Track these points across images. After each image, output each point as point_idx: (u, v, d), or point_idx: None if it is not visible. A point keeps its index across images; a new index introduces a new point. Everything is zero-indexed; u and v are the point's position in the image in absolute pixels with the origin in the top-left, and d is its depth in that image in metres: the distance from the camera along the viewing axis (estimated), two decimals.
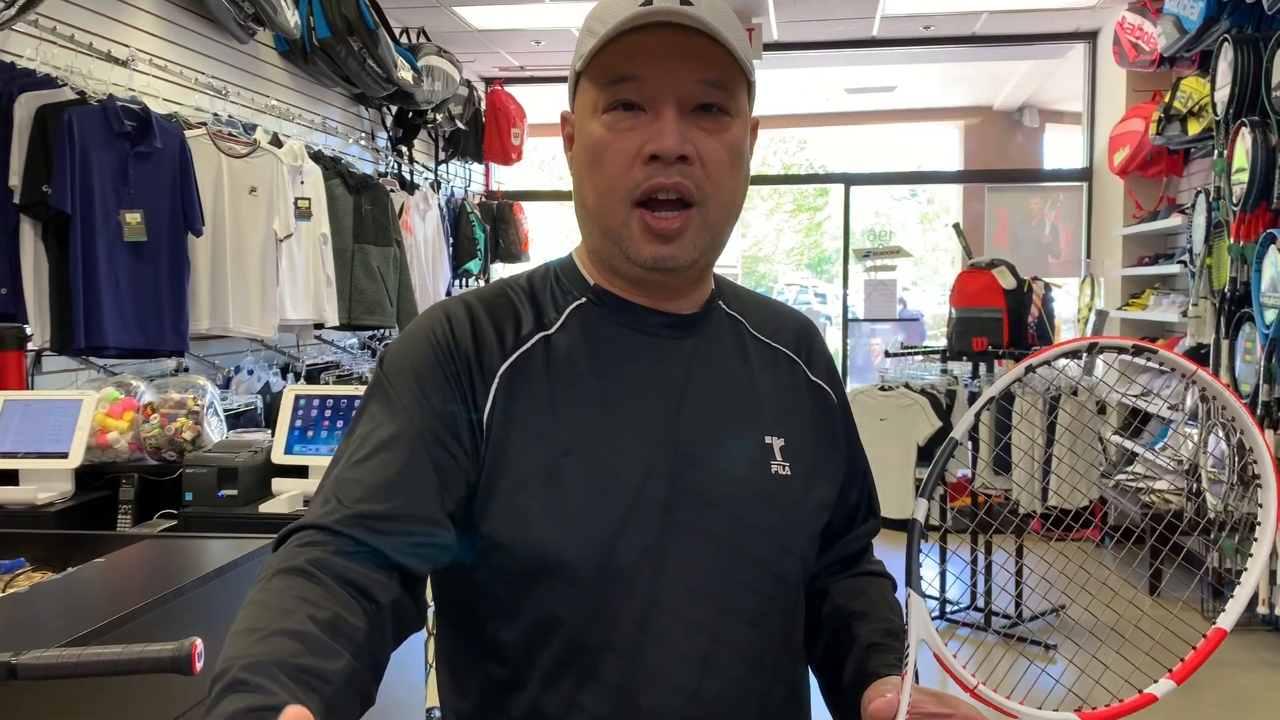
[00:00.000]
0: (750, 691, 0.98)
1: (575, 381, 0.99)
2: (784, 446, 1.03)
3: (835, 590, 1.11)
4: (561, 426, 0.96)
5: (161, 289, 3.39)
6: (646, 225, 0.96)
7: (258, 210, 3.90)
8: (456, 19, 6.16)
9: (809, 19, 6.46)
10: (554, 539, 0.93)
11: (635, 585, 0.94)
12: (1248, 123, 4.33)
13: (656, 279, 1.00)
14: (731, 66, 0.95)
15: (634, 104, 0.95)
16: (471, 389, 0.96)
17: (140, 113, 3.32)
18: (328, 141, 5.11)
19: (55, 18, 3.27)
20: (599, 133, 0.97)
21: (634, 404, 0.99)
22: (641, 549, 0.94)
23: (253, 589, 0.84)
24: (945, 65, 7.96)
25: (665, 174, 0.94)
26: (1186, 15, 4.87)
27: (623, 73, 0.95)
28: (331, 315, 4.41)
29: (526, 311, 1.02)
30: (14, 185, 2.99)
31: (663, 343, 1.03)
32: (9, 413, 2.64)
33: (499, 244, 7.25)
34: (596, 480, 0.95)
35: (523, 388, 0.98)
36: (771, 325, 1.12)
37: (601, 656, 0.93)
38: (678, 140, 0.94)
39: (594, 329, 1.02)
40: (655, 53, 0.94)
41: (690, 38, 0.93)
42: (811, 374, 1.11)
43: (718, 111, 0.97)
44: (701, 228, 0.98)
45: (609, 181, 0.97)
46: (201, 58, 4.15)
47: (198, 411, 2.84)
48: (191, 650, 1.11)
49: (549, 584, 0.93)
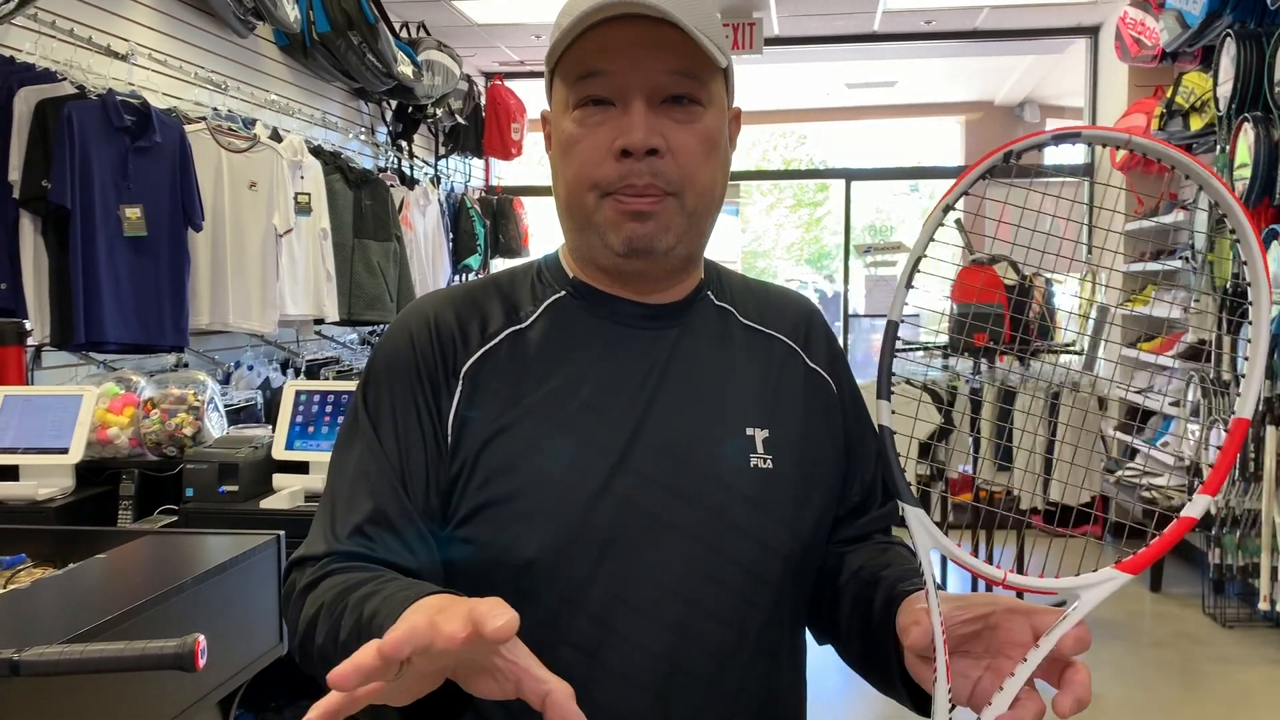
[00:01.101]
0: (720, 692, 0.96)
1: (543, 375, 0.98)
2: (768, 438, 1.01)
3: (851, 558, 1.07)
4: (524, 421, 0.96)
5: (161, 284, 3.38)
6: (619, 205, 0.96)
7: (258, 205, 3.89)
8: (456, 13, 6.15)
9: (809, 13, 6.44)
10: (513, 535, 0.93)
11: (596, 581, 0.93)
12: (1250, 118, 4.32)
13: (634, 266, 0.99)
14: (701, 56, 0.94)
15: (603, 99, 0.94)
16: (439, 391, 0.97)
17: (140, 107, 3.31)
18: (328, 136, 5.10)
19: (55, 12, 3.26)
20: (570, 129, 0.96)
21: (604, 396, 0.98)
22: (603, 544, 0.93)
23: (288, 618, 0.94)
24: (946, 60, 7.94)
25: (637, 174, 0.94)
26: (1189, 10, 4.86)
27: (590, 68, 0.94)
28: (331, 310, 4.40)
29: (498, 307, 1.02)
30: (14, 180, 2.99)
31: (641, 334, 1.01)
32: (9, 408, 2.64)
33: (499, 239, 7.24)
34: (557, 475, 0.95)
35: (487, 384, 0.98)
36: (768, 312, 1.09)
37: (558, 652, 0.92)
38: (646, 133, 0.93)
39: (569, 322, 1.02)
40: (622, 46, 0.93)
41: (657, 28, 0.91)
42: (810, 361, 1.09)
43: (688, 102, 0.95)
44: (679, 213, 0.97)
45: (580, 175, 0.96)
46: (201, 52, 4.14)
47: (198, 407, 2.83)
48: (194, 647, 1.10)
49: (511, 580, 0.93)
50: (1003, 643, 0.81)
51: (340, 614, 0.85)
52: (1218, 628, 4.65)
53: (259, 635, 1.92)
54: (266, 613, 1.94)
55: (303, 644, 0.91)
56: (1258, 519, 4.33)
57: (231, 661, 1.82)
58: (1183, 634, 4.60)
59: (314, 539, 0.96)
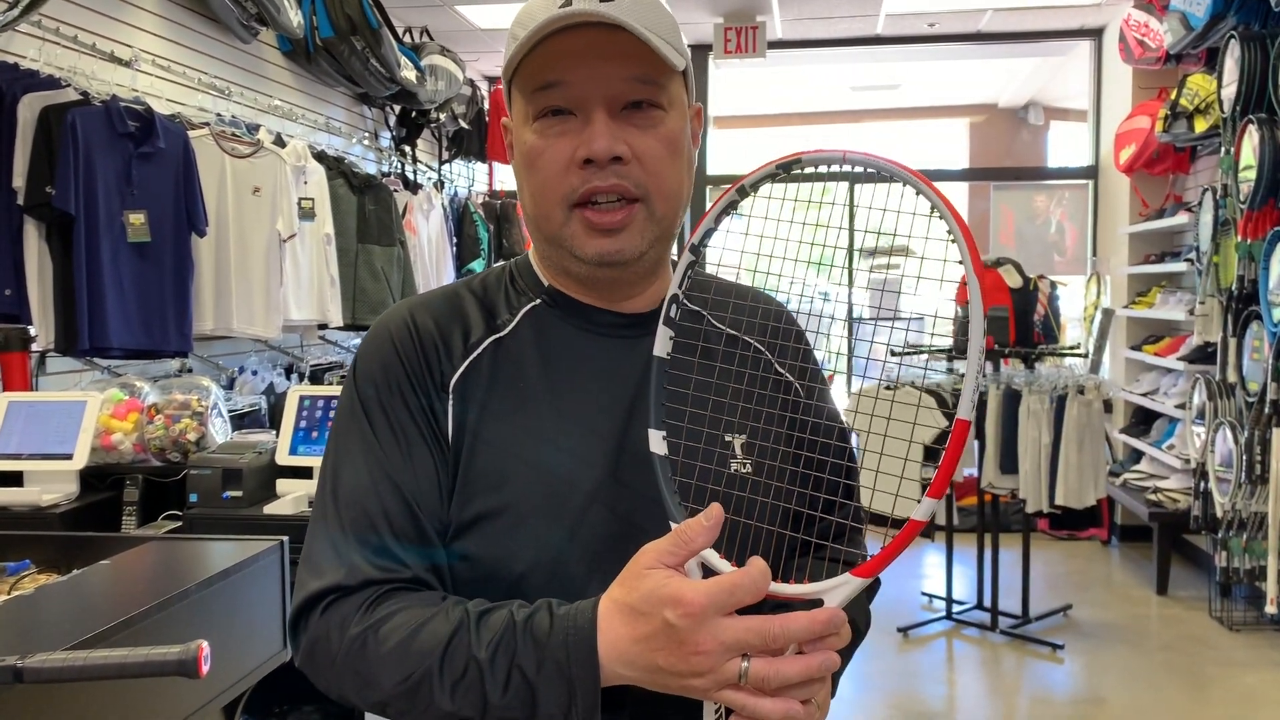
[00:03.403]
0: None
1: (525, 386, 0.98)
2: (746, 443, 1.02)
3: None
4: (509, 433, 0.96)
5: (165, 290, 3.38)
6: (588, 222, 0.95)
7: (261, 210, 3.89)
8: (460, 18, 6.16)
9: (813, 17, 6.44)
10: (504, 549, 0.93)
11: (587, 593, 0.92)
12: (1255, 120, 4.31)
13: (606, 275, 0.99)
14: (658, 60, 0.93)
15: (563, 109, 0.94)
16: (432, 400, 0.97)
17: (144, 113, 3.31)
18: (331, 141, 5.10)
19: (58, 18, 3.26)
20: (531, 140, 0.96)
21: (585, 407, 0.98)
22: (593, 555, 0.94)
23: (356, 655, 0.89)
24: (950, 62, 7.94)
25: (601, 177, 0.94)
26: (1193, 12, 4.85)
27: (548, 79, 0.94)
28: (335, 315, 4.41)
29: (476, 315, 1.02)
30: (18, 186, 2.99)
31: (616, 343, 1.02)
32: (14, 414, 2.64)
33: (502, 243, 7.24)
34: (545, 486, 0.95)
35: (473, 395, 0.98)
36: (740, 314, 1.09)
37: None
38: (609, 142, 0.93)
39: (546, 331, 1.02)
40: (579, 55, 0.92)
41: (613, 36, 0.91)
42: (780, 363, 1.09)
43: (649, 107, 0.95)
44: (648, 220, 0.97)
45: (544, 188, 0.96)
46: (205, 58, 4.15)
47: (202, 412, 2.83)
48: (198, 653, 1.10)
49: (504, 593, 0.93)
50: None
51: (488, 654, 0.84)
52: (1224, 631, 4.63)
53: (263, 641, 1.92)
54: (270, 618, 1.94)
55: (414, 691, 0.86)
56: (1264, 522, 4.31)
57: (235, 667, 1.81)
58: (1189, 637, 4.58)
59: (328, 563, 0.92)
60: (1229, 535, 4.49)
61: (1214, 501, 4.69)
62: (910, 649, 4.52)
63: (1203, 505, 4.80)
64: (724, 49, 6.35)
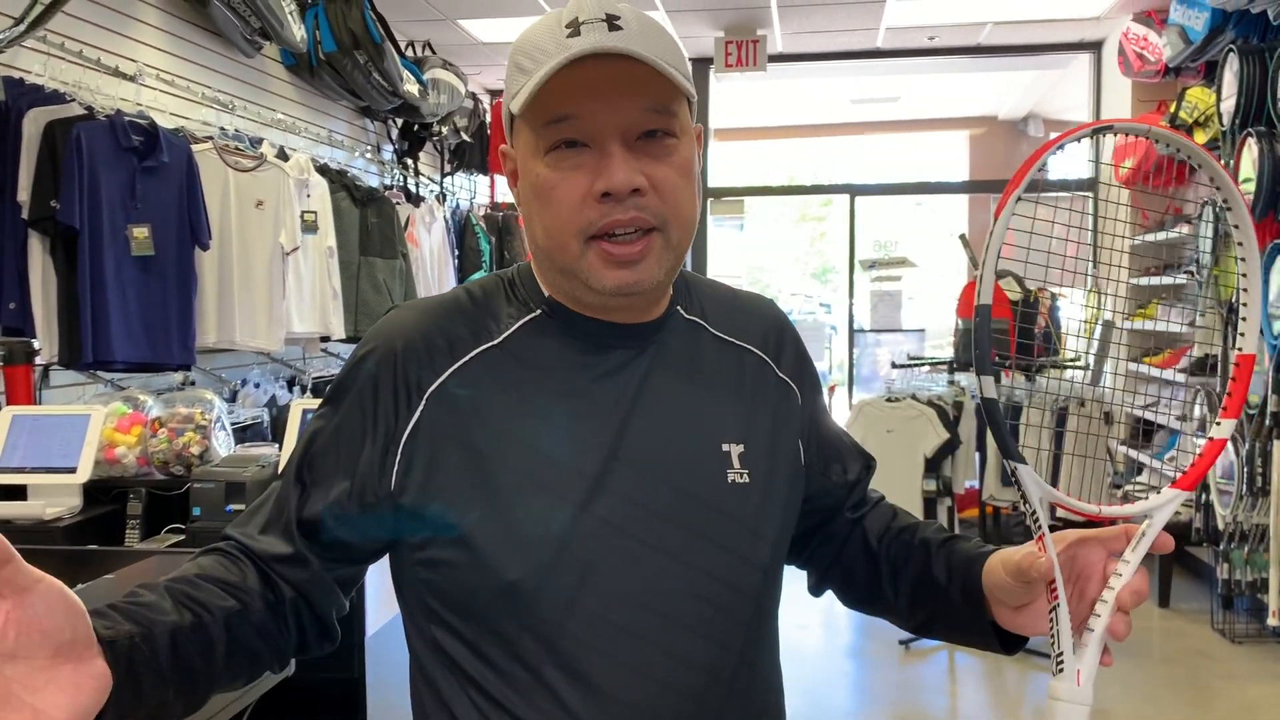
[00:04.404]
0: (706, 707, 0.97)
1: (518, 395, 0.98)
2: (744, 453, 1.02)
3: (869, 523, 1.15)
4: (501, 442, 0.96)
5: (169, 303, 3.39)
6: (606, 255, 0.94)
7: (264, 224, 3.91)
8: (461, 32, 6.19)
9: (813, 30, 6.47)
10: (495, 558, 0.93)
11: (579, 603, 0.93)
12: (1254, 133, 4.33)
13: (621, 303, 0.98)
14: (671, 88, 0.93)
15: (576, 141, 0.93)
16: (398, 412, 0.97)
17: (148, 127, 3.33)
18: (334, 155, 5.12)
19: (63, 34, 3.28)
20: (544, 174, 0.94)
21: (579, 418, 0.98)
22: (585, 565, 0.94)
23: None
24: (950, 75, 7.96)
25: (621, 210, 0.93)
26: (1191, 26, 4.87)
27: (561, 113, 0.92)
28: (338, 328, 4.41)
29: (470, 325, 1.01)
30: (22, 200, 3.00)
31: (615, 354, 1.01)
32: (17, 428, 2.64)
33: (504, 256, 7.25)
34: (537, 497, 0.94)
35: (459, 404, 0.97)
36: (739, 322, 1.10)
37: (545, 673, 0.93)
38: (628, 175, 0.91)
39: (543, 342, 1.01)
40: (591, 87, 0.91)
41: (625, 66, 0.90)
42: (780, 371, 1.10)
43: (663, 135, 0.94)
44: (665, 249, 0.96)
45: (560, 222, 0.94)
46: (208, 72, 4.17)
47: (205, 426, 2.84)
48: None
49: (495, 601, 0.93)
50: (1081, 567, 0.96)
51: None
52: (1227, 643, 4.62)
53: None
54: None
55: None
56: (1266, 534, 4.31)
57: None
58: (1192, 649, 4.58)
59: (250, 520, 1.05)
60: (1231, 547, 4.49)
61: (1215, 514, 4.69)
62: (912, 661, 4.51)
63: (1204, 517, 4.79)
64: (725, 63, 6.37)
